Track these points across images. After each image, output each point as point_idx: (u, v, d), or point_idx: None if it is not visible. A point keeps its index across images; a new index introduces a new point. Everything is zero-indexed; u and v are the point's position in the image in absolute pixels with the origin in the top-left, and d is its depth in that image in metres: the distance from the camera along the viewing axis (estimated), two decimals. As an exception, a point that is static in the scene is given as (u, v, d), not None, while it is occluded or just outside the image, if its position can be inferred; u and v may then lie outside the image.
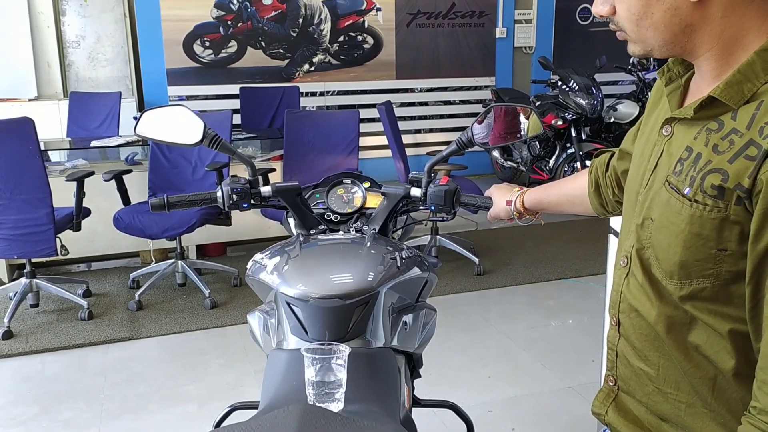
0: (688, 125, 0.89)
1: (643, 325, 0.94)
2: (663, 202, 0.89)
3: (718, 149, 0.82)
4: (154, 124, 1.54)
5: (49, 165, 4.30)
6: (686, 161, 0.86)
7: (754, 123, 0.80)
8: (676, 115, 0.91)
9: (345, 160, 4.24)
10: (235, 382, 3.04)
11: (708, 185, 0.82)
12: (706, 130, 0.85)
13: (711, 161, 0.83)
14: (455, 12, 6.75)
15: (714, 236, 0.82)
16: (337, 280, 1.30)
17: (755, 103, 0.81)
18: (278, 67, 6.34)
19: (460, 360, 3.19)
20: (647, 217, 0.92)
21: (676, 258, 0.86)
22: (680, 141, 0.89)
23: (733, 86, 0.83)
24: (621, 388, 1.01)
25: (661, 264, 0.89)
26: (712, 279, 0.84)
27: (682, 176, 0.86)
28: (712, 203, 0.81)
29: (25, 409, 2.85)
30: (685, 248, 0.85)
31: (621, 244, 1.02)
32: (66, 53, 6.08)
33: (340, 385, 1.07)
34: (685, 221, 0.84)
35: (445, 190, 1.53)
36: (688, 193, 0.84)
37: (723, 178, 0.80)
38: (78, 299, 3.74)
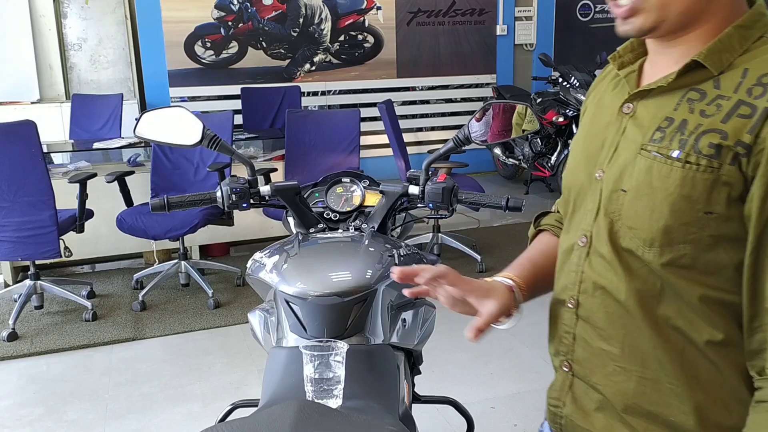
0: (659, 99, 0.92)
1: (610, 302, 0.94)
2: (642, 170, 0.90)
3: (705, 114, 0.86)
4: (154, 126, 1.55)
5: (52, 167, 4.33)
6: (668, 129, 0.89)
7: (741, 87, 0.84)
8: (648, 87, 0.93)
9: (346, 159, 4.25)
10: (239, 381, 3.05)
11: (704, 145, 0.84)
12: (688, 101, 0.89)
13: (701, 125, 0.86)
14: (455, 10, 6.75)
15: (704, 198, 0.84)
16: (335, 278, 1.31)
17: (738, 70, 0.86)
18: (279, 67, 6.35)
19: (463, 357, 3.19)
20: (616, 190, 0.93)
21: (660, 223, 0.88)
22: (652, 114, 0.92)
23: (714, 54, 0.88)
24: (576, 373, 1.01)
25: (638, 233, 0.90)
26: (692, 244, 0.86)
27: (666, 141, 0.88)
28: (706, 163, 0.84)
29: (30, 410, 2.87)
30: (671, 212, 0.87)
31: (573, 227, 1.03)
32: (68, 56, 6.10)
33: (338, 382, 1.08)
34: (675, 183, 0.86)
35: (443, 188, 1.54)
36: (679, 155, 0.86)
37: (722, 136, 0.83)
38: (82, 300, 3.76)
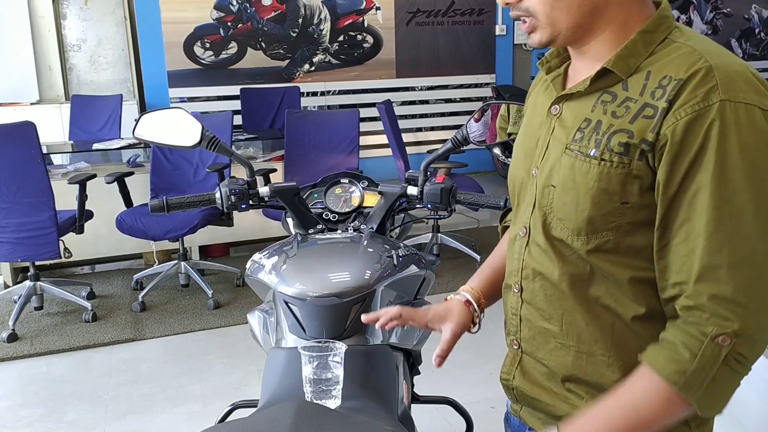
0: (579, 102, 1.00)
1: (547, 285, 1.04)
2: (566, 167, 0.99)
3: (616, 115, 0.94)
4: (153, 127, 1.56)
5: (52, 168, 4.33)
6: (586, 129, 0.97)
7: (646, 90, 0.93)
8: (569, 91, 1.02)
9: (346, 159, 4.26)
10: (239, 382, 3.06)
11: (615, 144, 0.93)
12: (602, 102, 0.97)
13: (613, 125, 0.94)
14: (454, 10, 6.75)
15: (619, 190, 0.93)
16: (334, 279, 1.31)
17: (642, 73, 0.94)
18: (278, 68, 6.35)
19: (463, 356, 3.18)
20: (546, 185, 1.02)
21: (584, 215, 0.96)
22: (574, 115, 1.00)
23: (622, 60, 0.96)
24: (524, 350, 1.11)
25: (566, 224, 0.99)
26: (614, 231, 0.95)
27: (585, 141, 0.97)
28: (618, 159, 0.92)
29: (30, 411, 2.88)
30: (593, 204, 0.95)
31: (516, 220, 1.12)
32: (67, 57, 6.10)
33: (337, 382, 1.08)
34: (594, 179, 0.95)
35: (441, 188, 1.54)
36: (595, 153, 0.95)
37: (628, 136, 0.92)
38: (82, 301, 3.76)
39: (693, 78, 0.88)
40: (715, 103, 0.86)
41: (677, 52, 0.93)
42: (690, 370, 0.88)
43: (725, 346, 0.87)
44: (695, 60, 0.90)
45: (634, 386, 0.93)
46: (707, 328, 0.88)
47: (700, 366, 0.88)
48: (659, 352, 0.92)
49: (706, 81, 0.88)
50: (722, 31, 7.58)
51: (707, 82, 0.87)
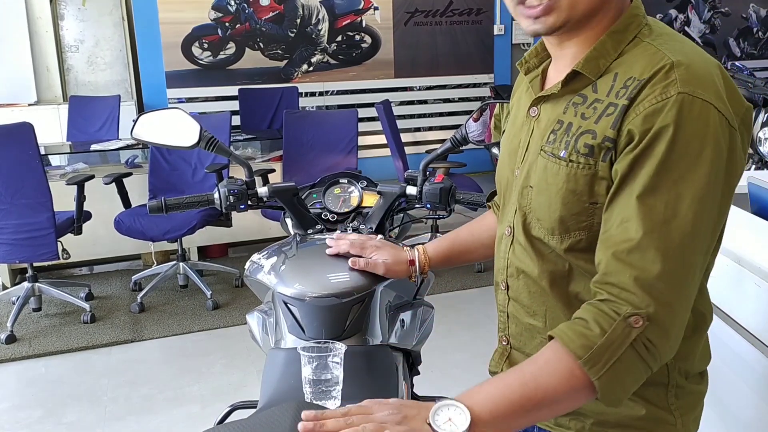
0: (554, 104, 1.02)
1: (530, 283, 1.06)
2: (541, 168, 1.01)
3: (585, 116, 0.96)
4: (151, 128, 1.55)
5: (50, 169, 4.32)
6: (559, 131, 0.99)
7: (612, 91, 0.94)
8: (544, 94, 1.03)
9: (344, 159, 4.25)
10: (239, 382, 3.05)
11: (581, 145, 0.94)
12: (573, 104, 0.98)
13: (581, 126, 0.95)
14: (453, 10, 6.75)
15: (587, 191, 0.95)
16: (333, 279, 1.31)
17: (610, 75, 0.95)
18: (277, 68, 6.35)
19: (462, 357, 3.20)
20: (525, 186, 1.04)
21: (556, 215, 0.98)
22: (548, 117, 1.02)
23: (591, 61, 0.97)
24: (513, 345, 1.15)
25: (543, 223, 1.01)
26: (586, 231, 0.97)
27: (557, 143, 0.98)
28: (584, 161, 0.94)
29: (29, 413, 2.87)
30: (563, 204, 0.97)
31: (502, 219, 1.14)
32: (65, 57, 6.09)
33: (336, 383, 1.08)
34: (563, 180, 0.96)
35: (440, 188, 1.54)
36: (564, 155, 0.96)
37: (592, 136, 0.93)
38: (80, 302, 3.76)
39: (654, 76, 0.90)
40: (672, 95, 0.87)
41: (643, 52, 0.94)
42: (596, 345, 0.87)
43: (636, 328, 0.87)
44: (659, 59, 0.91)
45: (538, 357, 0.92)
46: (621, 307, 0.88)
47: (608, 343, 0.87)
48: (569, 327, 0.91)
49: (667, 77, 0.89)
50: (720, 31, 7.58)
51: (667, 78, 0.89)
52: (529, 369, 0.91)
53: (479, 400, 0.89)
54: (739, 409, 1.65)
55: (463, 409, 0.87)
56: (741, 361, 1.58)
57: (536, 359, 0.92)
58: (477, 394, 0.90)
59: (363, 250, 1.35)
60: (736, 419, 1.66)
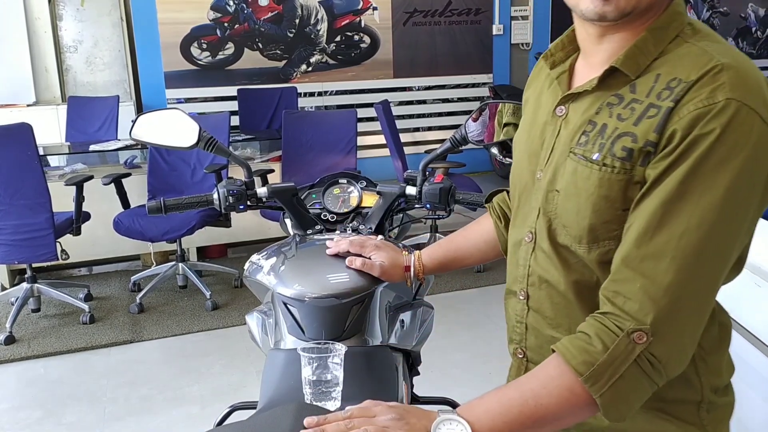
0: (585, 103, 0.96)
1: (554, 293, 1.00)
2: (569, 172, 0.95)
3: (621, 117, 0.90)
4: (150, 128, 1.55)
5: (48, 170, 4.32)
6: (591, 133, 0.93)
7: (653, 92, 0.89)
8: (575, 91, 0.97)
9: (343, 159, 4.25)
10: (238, 383, 3.05)
11: (618, 148, 0.89)
12: (608, 105, 0.93)
13: (618, 128, 0.90)
14: (451, 10, 6.75)
15: (620, 197, 0.90)
16: (333, 280, 1.30)
17: (651, 75, 0.90)
18: (276, 68, 6.34)
19: (462, 357, 3.19)
20: (551, 190, 0.99)
21: (585, 222, 0.93)
22: (578, 117, 0.96)
23: (630, 58, 0.91)
24: (530, 359, 1.07)
25: (569, 230, 0.96)
26: (616, 240, 0.91)
27: (589, 145, 0.93)
28: (620, 165, 0.89)
29: (29, 413, 2.87)
30: (593, 211, 0.92)
31: (520, 224, 1.08)
32: (63, 58, 6.09)
33: (336, 384, 1.08)
34: (594, 185, 0.91)
35: (440, 188, 1.54)
36: (597, 158, 0.91)
37: (632, 139, 0.88)
38: (79, 303, 3.75)
39: (701, 78, 0.85)
40: (720, 101, 0.83)
41: (688, 53, 0.89)
42: (599, 362, 0.84)
43: (640, 344, 0.84)
44: (706, 61, 0.86)
45: (540, 372, 0.90)
46: (625, 323, 0.85)
47: (611, 359, 0.84)
48: (572, 342, 0.88)
49: (715, 80, 0.84)
50: (719, 30, 7.58)
51: (715, 81, 0.84)
52: (530, 385, 0.88)
53: (479, 415, 0.87)
54: (748, 418, 1.65)
55: (466, 426, 0.86)
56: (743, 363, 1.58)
57: (537, 374, 0.89)
58: (477, 407, 0.89)
59: (362, 249, 1.34)
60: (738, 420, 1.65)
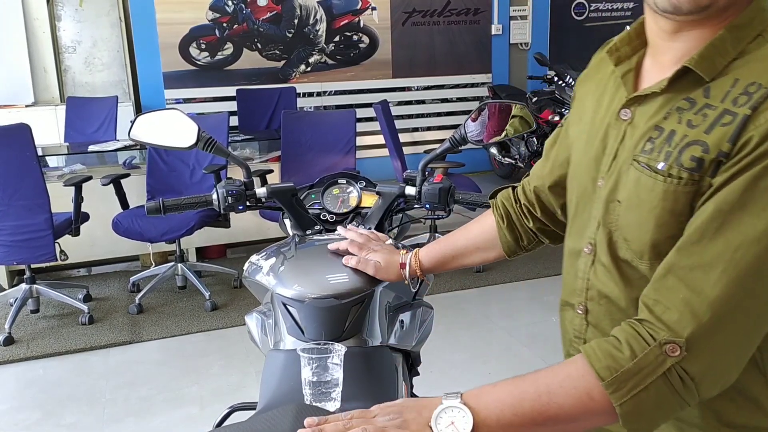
0: (652, 106, 0.88)
1: (614, 310, 0.94)
2: (632, 182, 0.88)
3: (692, 124, 0.83)
4: (149, 129, 1.54)
5: (47, 170, 4.31)
6: (657, 140, 0.86)
7: (728, 96, 0.81)
8: (642, 93, 0.90)
9: (342, 160, 4.25)
10: (237, 383, 3.05)
11: (686, 158, 0.82)
12: (677, 110, 0.85)
13: (687, 135, 0.83)
14: (450, 10, 6.75)
15: (686, 211, 0.83)
16: (332, 280, 1.30)
17: (728, 78, 0.82)
18: (275, 68, 6.34)
19: (462, 357, 3.19)
20: (612, 201, 0.92)
21: (647, 237, 0.86)
22: (645, 122, 0.89)
23: (706, 59, 0.83)
24: None
25: (631, 245, 0.89)
26: None
27: (655, 153, 0.85)
28: (688, 176, 0.81)
29: (28, 414, 2.86)
30: (656, 225, 0.85)
31: (580, 232, 1.01)
32: (62, 58, 6.08)
33: (336, 385, 1.07)
34: (658, 197, 0.84)
35: (440, 188, 1.53)
36: (663, 168, 0.84)
37: (703, 149, 0.80)
38: (78, 304, 3.75)
39: None
40: None
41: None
42: (623, 369, 0.79)
43: (672, 357, 0.78)
44: None
45: (561, 369, 0.85)
46: (660, 332, 0.79)
47: (637, 369, 0.79)
48: (600, 345, 0.83)
49: None
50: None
51: None
52: (546, 381, 0.84)
53: (488, 403, 0.83)
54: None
55: (468, 414, 0.82)
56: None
57: (557, 371, 0.85)
58: (487, 395, 0.85)
59: (360, 249, 1.33)
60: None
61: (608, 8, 7.32)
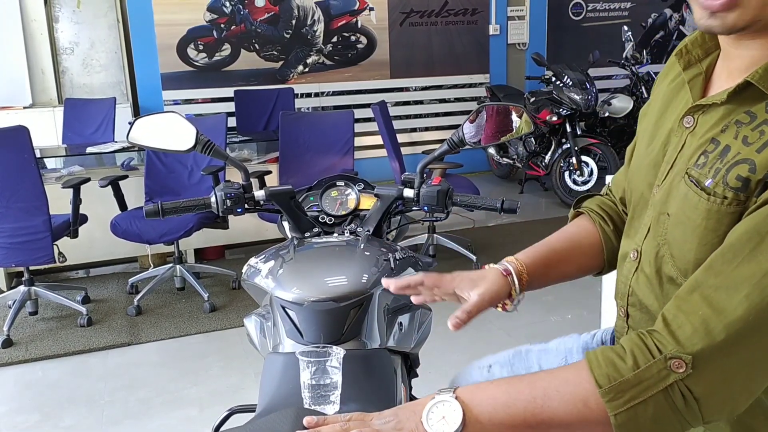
0: (713, 117, 0.84)
1: (651, 323, 0.87)
2: (681, 196, 0.84)
3: (747, 140, 0.78)
4: (147, 132, 1.54)
5: (45, 172, 4.31)
6: (711, 154, 0.82)
7: None
8: (704, 102, 0.85)
9: (340, 160, 4.25)
10: (236, 385, 3.05)
11: (733, 177, 0.77)
12: (736, 123, 0.80)
13: (740, 153, 0.78)
14: (448, 10, 6.75)
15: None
16: (331, 283, 1.30)
17: None
18: (272, 69, 6.34)
19: (460, 358, 3.19)
20: (663, 212, 0.88)
21: (691, 256, 0.83)
22: (704, 132, 0.85)
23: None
24: None
25: (677, 261, 0.86)
26: None
27: (706, 168, 0.81)
28: (732, 196, 0.77)
29: (26, 417, 2.86)
30: (700, 245, 0.81)
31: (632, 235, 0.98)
32: (60, 60, 6.08)
33: (335, 388, 1.07)
34: (701, 216, 0.80)
35: (438, 191, 1.54)
36: (709, 185, 0.80)
37: (750, 168, 0.76)
38: (77, 306, 3.75)
39: None
40: None
41: None
42: (622, 379, 0.77)
43: (676, 373, 0.75)
44: None
45: (559, 372, 0.83)
46: (667, 346, 0.76)
47: (637, 380, 0.76)
48: (603, 352, 0.81)
49: None
50: (715, 29, 7.59)
51: None
52: (543, 383, 0.82)
53: (481, 400, 0.82)
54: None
55: (457, 408, 0.81)
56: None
57: (556, 374, 0.83)
58: (481, 391, 0.84)
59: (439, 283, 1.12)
60: None
61: (605, 8, 7.33)
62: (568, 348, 1.32)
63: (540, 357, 1.33)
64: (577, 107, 5.53)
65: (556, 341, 1.35)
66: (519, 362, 1.34)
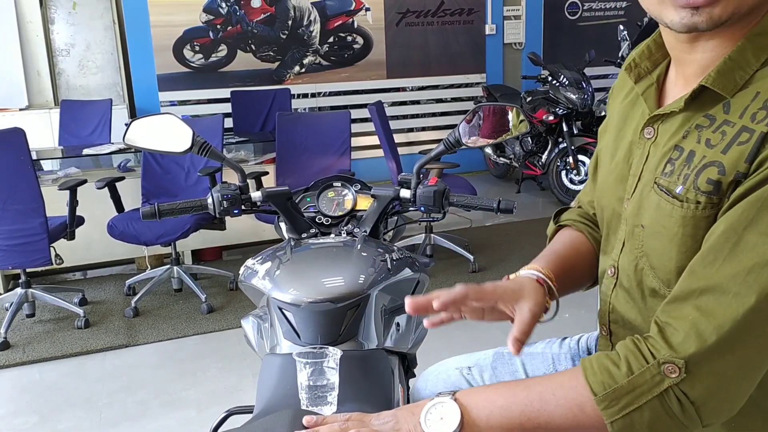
0: (673, 124, 0.85)
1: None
2: (653, 206, 0.85)
3: (711, 143, 0.79)
4: (143, 133, 1.54)
5: (42, 174, 4.30)
6: (677, 161, 0.82)
7: (747, 112, 0.76)
8: (661, 112, 0.86)
9: (337, 161, 4.25)
10: (234, 386, 3.05)
11: (703, 181, 0.78)
12: (697, 128, 0.81)
13: (705, 156, 0.79)
14: (444, 10, 6.76)
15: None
16: (328, 284, 1.30)
17: (749, 92, 0.78)
18: (269, 70, 6.34)
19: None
20: (636, 225, 0.88)
21: (672, 265, 0.83)
22: (666, 141, 0.85)
23: (725, 74, 0.79)
24: None
25: (658, 272, 0.86)
26: None
27: (674, 176, 0.82)
28: (706, 200, 0.78)
29: (24, 419, 2.86)
30: (680, 253, 0.81)
31: (608, 250, 0.98)
32: (56, 61, 6.07)
33: (332, 388, 1.08)
34: (677, 223, 0.81)
35: (434, 191, 1.54)
36: (681, 192, 0.80)
37: (719, 170, 0.77)
38: (74, 308, 3.74)
39: None
40: None
41: None
42: (616, 386, 0.77)
43: (670, 378, 0.75)
44: None
45: (557, 377, 0.84)
46: (660, 351, 0.76)
47: (631, 387, 0.76)
48: (599, 358, 0.81)
49: None
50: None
51: None
52: (540, 388, 0.82)
53: (479, 402, 0.83)
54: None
55: (455, 409, 0.82)
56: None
57: (553, 379, 0.83)
58: (479, 394, 0.85)
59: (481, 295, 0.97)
60: None
61: (601, 7, 7.34)
62: (555, 353, 1.31)
63: (525, 361, 1.32)
64: (573, 106, 5.54)
65: (542, 344, 1.34)
66: (502, 366, 1.32)
